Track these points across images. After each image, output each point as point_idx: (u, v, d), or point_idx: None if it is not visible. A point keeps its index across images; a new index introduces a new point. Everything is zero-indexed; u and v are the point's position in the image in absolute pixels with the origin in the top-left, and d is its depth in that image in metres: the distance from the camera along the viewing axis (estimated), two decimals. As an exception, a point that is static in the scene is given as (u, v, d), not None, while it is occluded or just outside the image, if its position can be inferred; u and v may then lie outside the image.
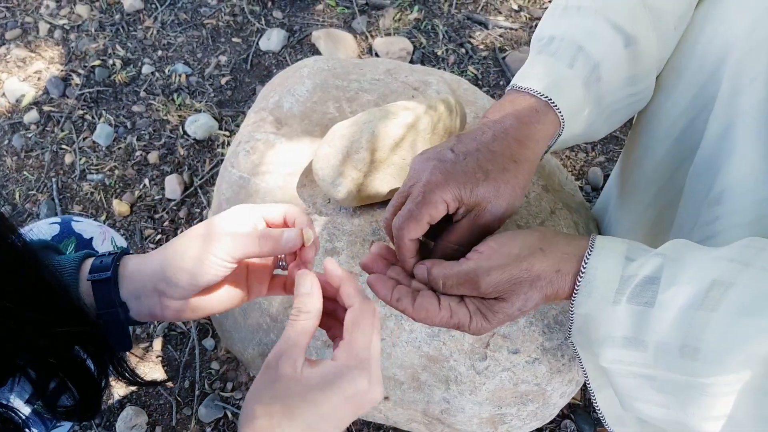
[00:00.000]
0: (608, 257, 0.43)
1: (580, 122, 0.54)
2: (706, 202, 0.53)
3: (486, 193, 0.47)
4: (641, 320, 0.41)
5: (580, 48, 0.53)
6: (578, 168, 1.17)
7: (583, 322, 0.45)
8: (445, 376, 0.66)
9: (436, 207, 0.46)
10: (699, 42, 0.55)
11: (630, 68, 0.54)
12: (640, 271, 0.42)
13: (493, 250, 0.44)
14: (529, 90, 0.51)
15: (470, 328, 0.45)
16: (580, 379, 0.70)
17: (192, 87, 1.30)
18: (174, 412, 0.94)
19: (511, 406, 0.68)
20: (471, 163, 0.47)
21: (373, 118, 0.64)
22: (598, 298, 0.43)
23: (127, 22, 1.41)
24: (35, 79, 1.32)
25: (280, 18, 1.40)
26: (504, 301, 0.44)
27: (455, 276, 0.44)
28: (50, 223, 0.65)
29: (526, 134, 0.50)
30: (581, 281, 0.43)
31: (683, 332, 0.39)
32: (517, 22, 1.38)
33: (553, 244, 0.45)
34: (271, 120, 0.77)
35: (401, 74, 0.83)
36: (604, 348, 0.44)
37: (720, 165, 0.51)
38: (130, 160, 1.21)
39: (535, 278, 0.43)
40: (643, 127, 0.66)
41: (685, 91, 0.57)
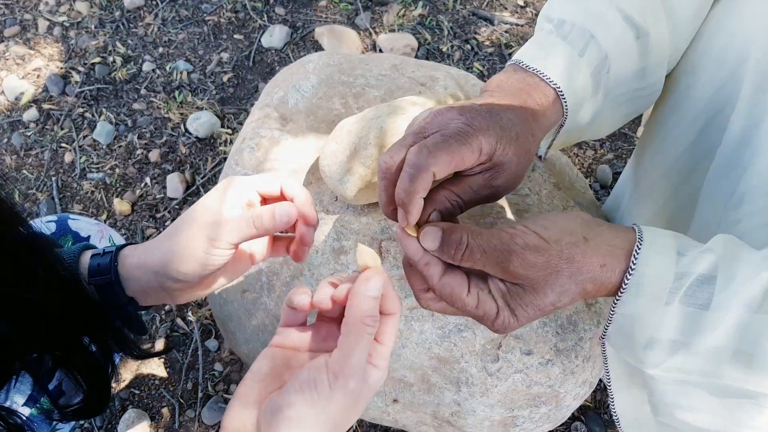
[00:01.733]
0: (659, 252, 0.39)
1: (584, 113, 0.53)
2: (729, 204, 0.51)
3: (513, 155, 0.43)
4: (694, 323, 0.38)
5: (591, 36, 0.51)
6: (586, 165, 1.15)
7: (626, 322, 0.40)
8: (455, 378, 0.64)
9: (472, 149, 0.40)
10: (717, 40, 0.54)
11: (640, 61, 0.53)
12: (694, 269, 0.39)
13: (528, 230, 0.39)
14: (542, 75, 0.49)
15: (495, 323, 0.40)
16: (594, 380, 0.69)
17: (193, 84, 1.28)
18: (177, 415, 0.93)
19: (523, 408, 0.66)
20: (506, 120, 0.43)
21: (381, 113, 0.62)
22: (648, 298, 0.39)
23: (127, 18, 1.39)
24: (34, 77, 1.31)
25: (283, 14, 1.38)
26: (536, 291, 0.39)
27: (482, 244, 0.38)
28: (47, 221, 0.64)
29: (538, 116, 0.48)
30: (630, 279, 0.39)
31: (738, 337, 0.37)
32: (523, 18, 1.36)
33: (597, 234, 0.40)
34: (275, 116, 0.76)
35: (408, 70, 0.81)
36: (649, 352, 0.40)
37: (743, 166, 0.49)
38: (131, 158, 1.19)
39: (576, 270, 0.38)
40: (659, 126, 0.65)
41: (704, 90, 0.56)
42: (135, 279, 0.47)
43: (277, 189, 0.47)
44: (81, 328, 0.46)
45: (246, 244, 0.49)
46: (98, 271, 0.47)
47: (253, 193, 0.46)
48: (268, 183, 0.47)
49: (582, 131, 0.56)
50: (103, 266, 0.47)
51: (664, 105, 0.63)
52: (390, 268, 0.63)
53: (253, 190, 0.46)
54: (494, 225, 0.66)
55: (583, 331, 0.64)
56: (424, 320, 0.62)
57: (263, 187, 0.47)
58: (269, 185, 0.47)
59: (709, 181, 0.56)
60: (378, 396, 0.69)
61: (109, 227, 0.70)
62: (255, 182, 0.47)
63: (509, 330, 0.41)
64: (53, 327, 0.43)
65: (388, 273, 0.63)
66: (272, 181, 0.47)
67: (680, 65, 0.59)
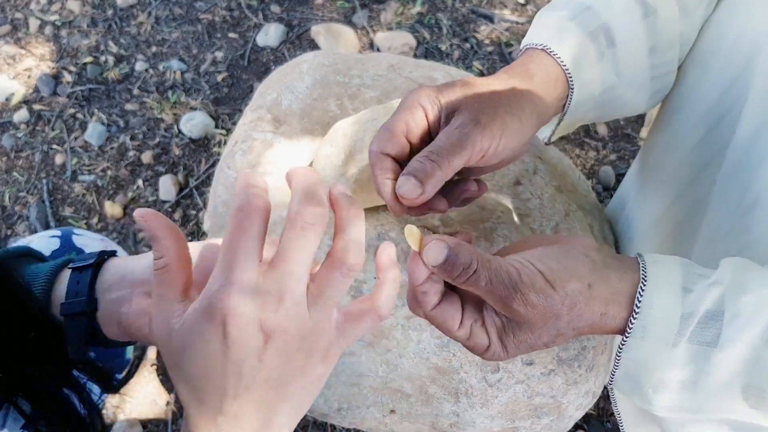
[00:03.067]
0: (664, 291, 0.37)
1: (590, 77, 0.51)
2: (740, 208, 0.49)
3: (465, 94, 0.42)
4: (702, 362, 0.37)
5: (588, 7, 0.51)
6: (589, 167, 1.13)
7: (633, 366, 0.39)
8: (455, 389, 0.62)
9: (411, 111, 0.42)
10: (729, 32, 0.53)
11: (650, 39, 0.52)
12: (701, 306, 0.37)
13: (535, 270, 0.38)
14: (531, 45, 0.49)
15: (484, 355, 0.40)
16: (597, 390, 0.67)
17: (187, 84, 1.26)
18: (170, 423, 0.91)
19: (524, 419, 0.64)
20: (454, 81, 0.45)
21: (378, 115, 0.60)
22: (655, 341, 0.37)
23: (120, 17, 1.37)
24: (25, 77, 1.28)
25: (278, 12, 1.36)
26: (531, 331, 0.38)
27: (489, 276, 0.37)
28: (50, 236, 0.62)
29: (518, 71, 0.47)
30: (634, 323, 0.38)
31: (748, 371, 0.35)
32: (524, 16, 1.34)
33: (603, 279, 0.38)
34: (269, 118, 0.73)
35: (405, 69, 0.79)
36: (659, 394, 0.39)
37: (755, 167, 0.47)
38: (123, 160, 1.17)
39: (576, 317, 0.38)
40: (667, 122, 0.63)
41: (714, 85, 0.54)
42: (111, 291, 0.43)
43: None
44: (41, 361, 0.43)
45: None
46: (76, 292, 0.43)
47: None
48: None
49: (603, 106, 0.55)
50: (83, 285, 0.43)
51: (673, 100, 0.61)
52: (387, 276, 0.61)
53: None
54: (494, 231, 0.64)
55: (587, 340, 0.62)
56: (422, 330, 0.60)
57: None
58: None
59: (721, 184, 0.54)
60: (375, 406, 0.67)
61: (114, 243, 0.68)
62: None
63: (498, 360, 0.40)
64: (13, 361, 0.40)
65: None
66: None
67: (689, 58, 0.58)
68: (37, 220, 1.09)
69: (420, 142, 0.44)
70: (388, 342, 0.61)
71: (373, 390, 0.65)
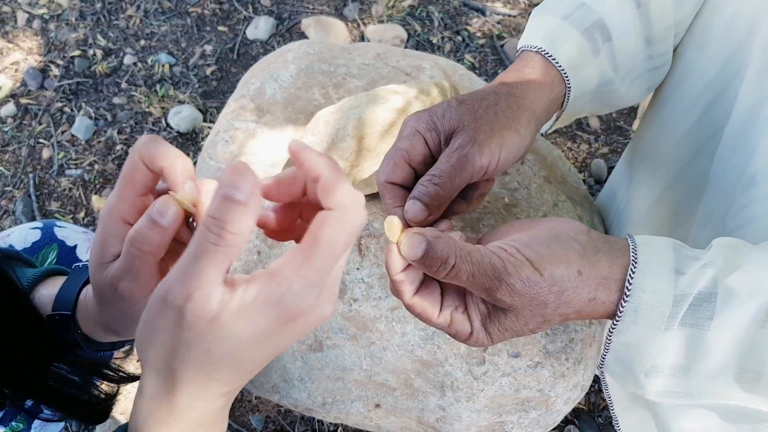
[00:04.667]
0: (656, 274, 0.37)
1: (587, 75, 0.51)
2: (739, 186, 0.48)
3: (461, 115, 0.43)
4: (696, 345, 0.36)
5: (581, 3, 0.51)
6: (581, 159, 1.12)
7: (624, 351, 0.39)
8: (440, 382, 0.61)
9: (409, 139, 0.43)
10: (724, 12, 0.52)
11: (644, 30, 0.52)
12: (693, 289, 0.36)
13: (522, 258, 0.37)
14: (527, 47, 0.50)
15: (467, 341, 0.39)
16: (586, 383, 0.66)
17: (176, 77, 1.25)
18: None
19: (511, 413, 0.63)
20: (449, 99, 0.45)
21: (360, 103, 0.59)
22: (646, 325, 0.37)
23: (108, 10, 1.35)
24: (12, 71, 1.27)
25: (268, 5, 1.35)
26: (517, 318, 0.37)
27: (471, 269, 0.36)
28: (31, 228, 0.61)
29: (513, 79, 0.47)
30: (625, 307, 0.37)
31: (742, 355, 0.34)
32: (516, 9, 1.33)
33: (593, 264, 0.37)
34: (251, 107, 0.72)
35: (392, 59, 0.78)
36: (651, 379, 0.38)
37: (752, 145, 0.47)
38: (110, 154, 1.16)
39: (564, 303, 0.37)
40: (661, 104, 0.62)
41: (709, 64, 0.54)
42: (99, 336, 0.44)
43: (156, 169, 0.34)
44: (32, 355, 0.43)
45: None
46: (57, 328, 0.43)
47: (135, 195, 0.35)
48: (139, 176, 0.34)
49: (597, 100, 0.55)
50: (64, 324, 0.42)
51: (667, 83, 0.60)
52: (370, 266, 0.60)
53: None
54: (480, 220, 0.63)
55: (574, 332, 0.61)
56: (405, 321, 0.59)
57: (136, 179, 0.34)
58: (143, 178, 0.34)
59: (718, 164, 0.53)
60: (360, 400, 0.66)
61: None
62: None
63: (480, 346, 0.39)
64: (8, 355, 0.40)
65: (368, 271, 0.60)
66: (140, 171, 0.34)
67: (686, 38, 0.58)
68: (23, 215, 1.08)
69: (423, 166, 0.45)
70: (372, 335, 0.60)
71: (357, 384, 0.64)
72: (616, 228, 0.77)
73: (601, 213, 0.81)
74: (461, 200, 0.46)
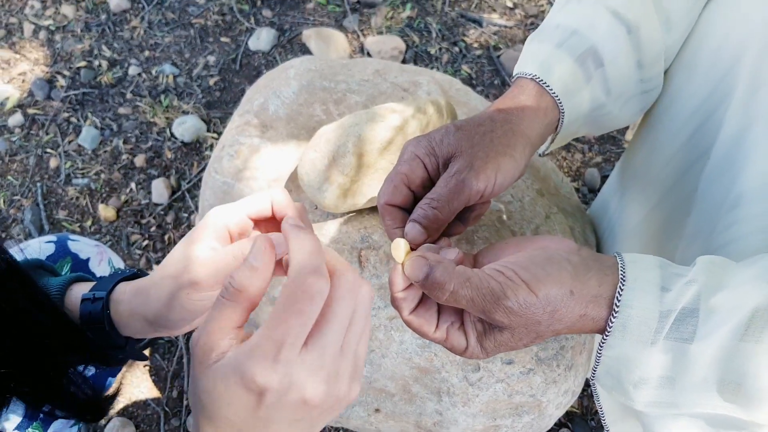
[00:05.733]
0: (643, 291, 0.39)
1: (581, 100, 0.53)
2: (724, 206, 0.50)
3: (459, 141, 0.44)
4: (680, 357, 0.38)
5: (574, 31, 0.53)
6: (575, 169, 1.14)
7: (614, 364, 0.41)
8: (437, 388, 0.64)
9: (409, 163, 0.45)
10: (712, 37, 0.54)
11: (635, 53, 0.54)
12: (678, 305, 0.38)
13: (519, 281, 0.38)
14: (521, 74, 0.51)
15: (464, 354, 0.42)
16: (577, 389, 0.68)
17: (179, 88, 1.27)
18: (162, 423, 0.92)
19: (505, 417, 0.66)
20: (447, 125, 0.47)
21: (360, 121, 0.62)
22: (634, 340, 0.39)
23: (113, 22, 1.38)
24: (20, 81, 1.30)
25: (270, 17, 1.37)
26: (512, 335, 0.40)
27: (469, 295, 0.38)
28: (45, 241, 0.64)
29: (508, 105, 0.49)
30: (614, 323, 0.39)
31: (723, 367, 0.36)
32: (512, 20, 1.36)
33: (584, 283, 0.39)
34: (255, 123, 0.75)
35: (390, 75, 0.81)
36: (639, 390, 0.40)
37: (737, 168, 0.49)
38: (116, 163, 1.18)
39: (556, 321, 0.39)
40: (651, 125, 0.64)
41: (698, 89, 0.55)
42: (128, 326, 0.46)
43: (267, 206, 0.40)
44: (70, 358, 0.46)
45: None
46: (89, 318, 0.46)
47: (244, 221, 0.41)
48: (256, 202, 0.40)
49: (590, 123, 0.57)
50: (95, 314, 0.45)
51: (660, 102, 0.62)
52: (369, 277, 0.63)
53: (242, 218, 0.41)
54: (475, 233, 0.65)
55: (565, 340, 0.63)
56: (404, 330, 0.62)
57: (252, 208, 0.40)
58: (258, 204, 0.40)
59: (705, 184, 0.55)
60: (360, 405, 0.68)
61: (109, 249, 0.70)
62: (242, 209, 0.41)
63: (475, 359, 0.42)
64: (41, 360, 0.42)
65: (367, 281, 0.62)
66: (261, 200, 0.40)
67: (676, 63, 0.59)
68: (31, 223, 1.11)
69: (422, 189, 0.47)
70: (372, 342, 0.63)
71: (357, 389, 0.67)
72: (608, 239, 0.79)
73: (594, 223, 0.83)
74: (458, 222, 0.49)
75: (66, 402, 0.47)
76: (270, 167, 0.70)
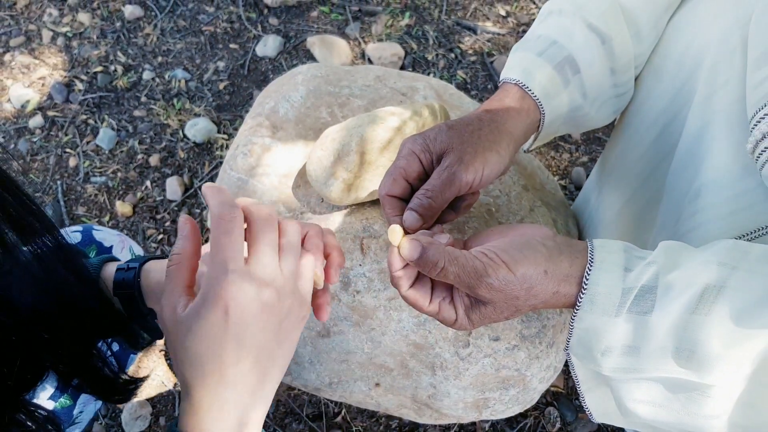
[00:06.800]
0: (608, 271, 0.43)
1: (559, 103, 0.58)
2: (687, 197, 0.54)
3: (450, 138, 0.49)
4: (640, 328, 0.42)
5: (554, 42, 0.58)
6: (563, 168, 1.21)
7: (584, 335, 0.45)
8: (431, 363, 0.69)
9: (406, 158, 0.50)
10: (677, 46, 0.59)
11: (609, 62, 0.59)
12: (638, 282, 0.42)
13: (499, 261, 0.43)
14: (506, 80, 0.57)
15: (453, 325, 0.47)
16: (558, 365, 0.74)
17: (191, 92, 1.34)
18: (177, 404, 0.98)
19: (493, 390, 0.71)
20: (440, 125, 0.52)
21: (362, 122, 0.68)
22: (600, 313, 0.43)
23: (127, 29, 1.44)
24: (39, 85, 1.36)
25: (276, 25, 1.44)
26: (494, 309, 0.45)
27: (457, 271, 0.43)
28: (72, 231, 0.68)
29: (495, 107, 0.55)
30: (583, 298, 0.43)
31: (678, 336, 0.40)
32: (505, 28, 1.42)
33: (556, 265, 0.44)
34: (267, 125, 0.81)
35: (390, 80, 0.87)
36: (606, 358, 0.44)
37: (698, 162, 0.53)
38: (132, 162, 1.25)
39: (532, 296, 0.44)
40: (625, 125, 0.69)
41: (665, 91, 0.60)
42: (154, 294, 0.51)
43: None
44: (102, 332, 0.50)
45: None
46: (122, 284, 0.50)
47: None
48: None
49: (568, 123, 0.62)
50: (128, 281, 0.50)
51: (631, 104, 0.67)
52: (370, 263, 0.69)
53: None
54: (466, 223, 0.71)
55: (547, 319, 0.69)
56: (401, 310, 0.67)
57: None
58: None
59: (671, 178, 0.60)
60: (362, 380, 0.74)
61: (129, 238, 0.74)
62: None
63: (463, 330, 0.47)
64: (78, 332, 0.46)
65: (369, 266, 0.68)
66: (300, 230, 0.45)
67: (645, 69, 0.64)
68: (53, 219, 1.17)
69: (418, 182, 0.53)
70: (372, 322, 0.68)
71: (360, 365, 0.72)
72: (588, 230, 0.85)
73: (576, 216, 0.89)
74: (451, 210, 0.55)
75: (93, 376, 0.51)
76: (280, 164, 0.77)
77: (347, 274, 0.68)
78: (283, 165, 0.76)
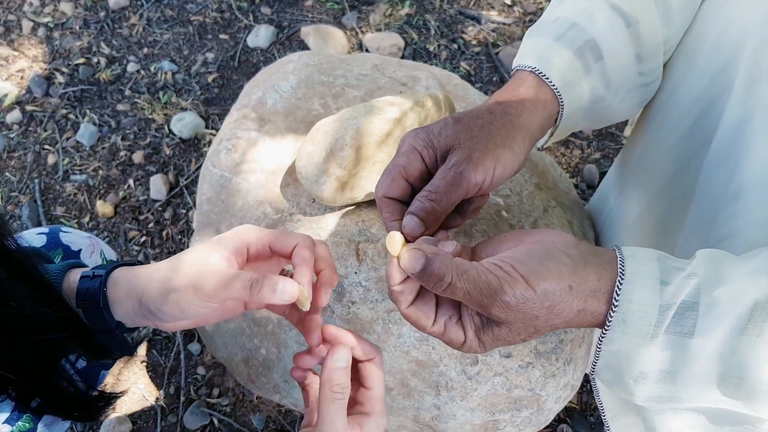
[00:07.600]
0: (642, 285, 0.38)
1: (580, 92, 0.53)
2: (724, 199, 0.50)
3: (457, 133, 0.44)
4: (680, 351, 0.37)
5: (573, 24, 0.53)
6: (573, 165, 1.14)
7: (614, 359, 0.40)
8: (435, 382, 0.63)
9: (406, 155, 0.45)
10: (712, 29, 0.54)
11: (635, 47, 0.54)
12: (677, 298, 0.38)
13: (517, 276, 0.38)
14: (520, 67, 0.51)
15: (461, 348, 0.41)
16: (576, 383, 0.68)
17: (178, 85, 1.27)
18: (159, 420, 0.92)
19: (504, 412, 0.66)
20: (445, 118, 0.47)
21: (358, 114, 0.61)
22: (634, 334, 0.38)
23: (112, 19, 1.38)
24: (18, 78, 1.30)
25: (269, 14, 1.37)
26: (509, 330, 0.39)
27: (467, 287, 0.37)
28: (37, 233, 0.63)
29: (508, 98, 0.49)
30: (613, 317, 0.38)
31: (724, 361, 0.36)
32: (511, 17, 1.36)
33: (582, 278, 0.38)
34: (253, 117, 0.75)
35: (389, 69, 0.81)
36: (640, 385, 0.40)
37: (737, 159, 0.48)
38: (114, 160, 1.18)
39: (554, 315, 0.38)
40: (650, 117, 0.64)
41: (698, 79, 0.55)
42: (123, 306, 0.46)
43: (289, 249, 0.44)
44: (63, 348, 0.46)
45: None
46: (86, 294, 0.46)
47: (263, 247, 0.44)
48: (283, 241, 0.44)
49: (590, 116, 0.56)
50: (92, 290, 0.46)
51: (659, 94, 0.62)
52: (367, 271, 0.63)
53: (264, 245, 0.44)
54: (473, 226, 0.65)
55: (564, 334, 0.63)
56: (401, 323, 0.62)
57: (278, 244, 0.44)
58: (283, 243, 0.44)
59: (705, 175, 0.55)
60: (358, 400, 0.68)
61: (101, 241, 0.69)
62: (269, 237, 0.44)
63: (473, 353, 0.41)
64: (34, 349, 0.42)
65: (365, 275, 0.62)
66: (288, 240, 0.44)
67: (675, 55, 0.59)
68: (29, 220, 1.10)
69: (420, 182, 0.46)
70: (369, 336, 0.63)
71: (355, 383, 0.67)
72: (606, 233, 0.79)
73: (592, 218, 0.83)
74: (457, 214, 0.48)
75: (55, 396, 0.47)
76: (268, 160, 0.70)
77: (341, 283, 0.63)
78: (270, 161, 0.70)
